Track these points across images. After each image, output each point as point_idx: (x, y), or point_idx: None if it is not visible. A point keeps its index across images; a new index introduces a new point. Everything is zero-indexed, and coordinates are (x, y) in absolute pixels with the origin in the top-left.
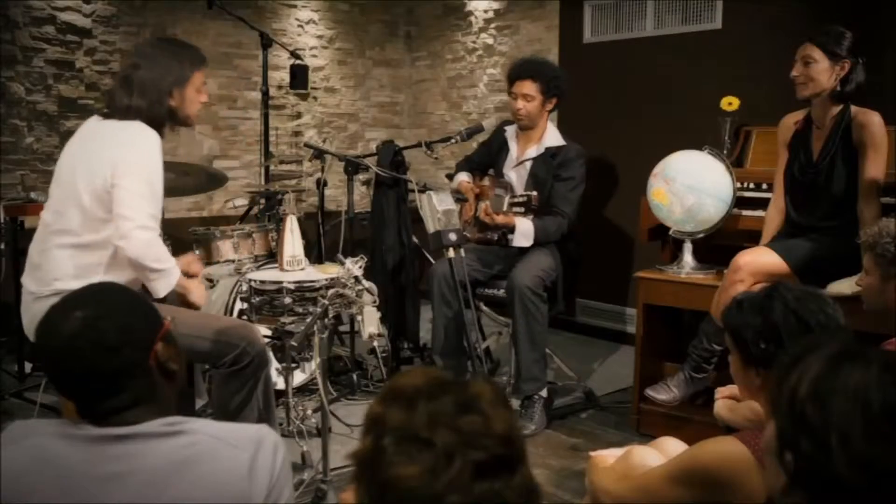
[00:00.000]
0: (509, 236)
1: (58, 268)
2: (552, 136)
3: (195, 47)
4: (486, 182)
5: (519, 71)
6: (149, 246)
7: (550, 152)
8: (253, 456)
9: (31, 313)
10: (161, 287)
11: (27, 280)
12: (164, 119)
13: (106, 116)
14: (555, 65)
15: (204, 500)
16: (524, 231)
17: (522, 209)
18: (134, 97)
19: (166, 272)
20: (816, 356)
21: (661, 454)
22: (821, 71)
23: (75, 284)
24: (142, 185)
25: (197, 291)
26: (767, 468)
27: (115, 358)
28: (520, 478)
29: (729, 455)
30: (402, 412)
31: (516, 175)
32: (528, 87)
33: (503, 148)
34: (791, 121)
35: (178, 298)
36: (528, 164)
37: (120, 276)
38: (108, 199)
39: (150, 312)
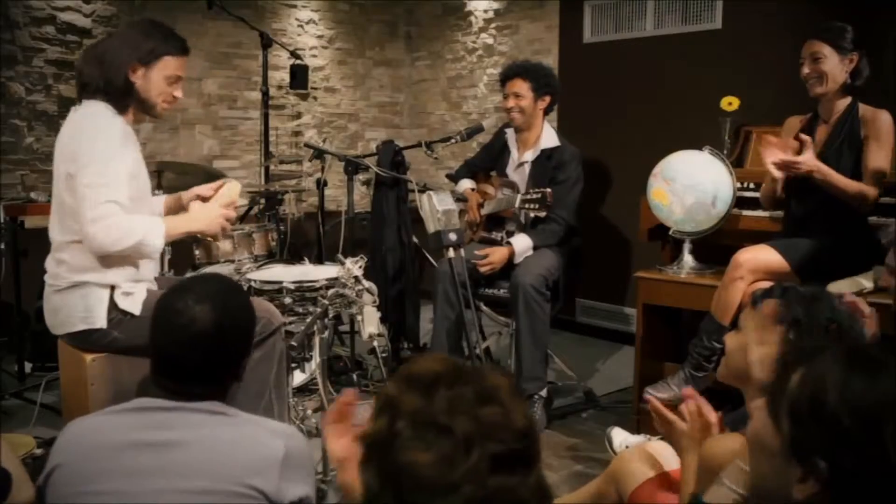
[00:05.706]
0: (506, 240)
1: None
2: (548, 138)
3: (178, 36)
4: (493, 182)
5: (509, 71)
6: (106, 233)
7: (546, 154)
8: (286, 444)
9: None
10: (152, 248)
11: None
12: (122, 93)
13: (78, 98)
14: (545, 65)
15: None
16: (523, 251)
17: (536, 205)
18: (93, 66)
19: (143, 239)
20: (830, 359)
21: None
22: (832, 66)
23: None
24: (92, 176)
25: (200, 221)
26: (766, 463)
27: (208, 355)
28: (535, 477)
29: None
30: (420, 397)
31: (518, 177)
32: (519, 85)
33: (504, 150)
34: (796, 120)
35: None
36: (527, 168)
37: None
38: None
39: (252, 327)
